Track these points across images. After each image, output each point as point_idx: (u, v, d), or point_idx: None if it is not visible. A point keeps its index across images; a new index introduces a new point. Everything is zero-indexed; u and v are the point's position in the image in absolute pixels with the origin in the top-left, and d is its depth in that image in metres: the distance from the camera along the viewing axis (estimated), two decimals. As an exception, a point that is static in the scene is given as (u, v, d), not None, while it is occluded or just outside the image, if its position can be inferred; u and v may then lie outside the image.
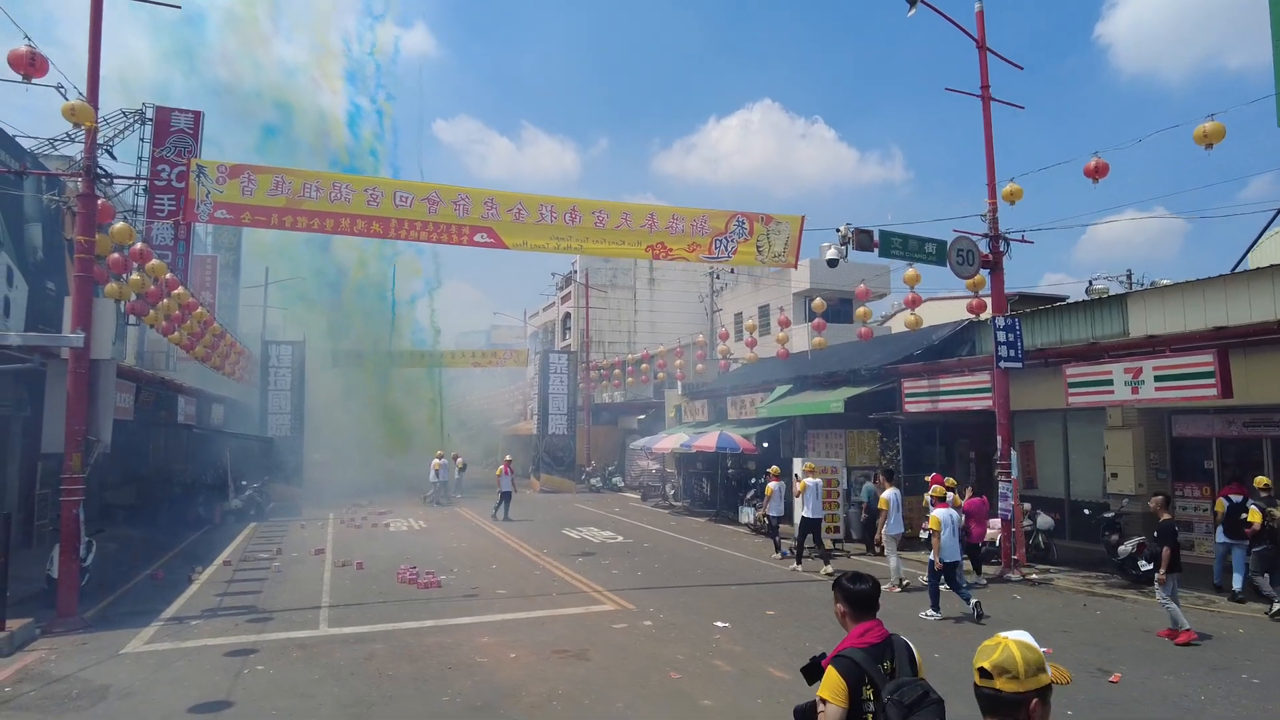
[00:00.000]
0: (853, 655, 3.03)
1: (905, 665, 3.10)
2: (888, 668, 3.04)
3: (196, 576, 13.50)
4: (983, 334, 18.51)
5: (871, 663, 3.01)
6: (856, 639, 3.15)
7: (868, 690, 2.94)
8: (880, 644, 3.12)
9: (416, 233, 11.96)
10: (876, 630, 3.18)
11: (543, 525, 21.30)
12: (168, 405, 19.73)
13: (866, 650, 3.06)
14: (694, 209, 13.27)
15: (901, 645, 3.16)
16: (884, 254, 13.54)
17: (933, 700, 2.80)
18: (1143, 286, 28.64)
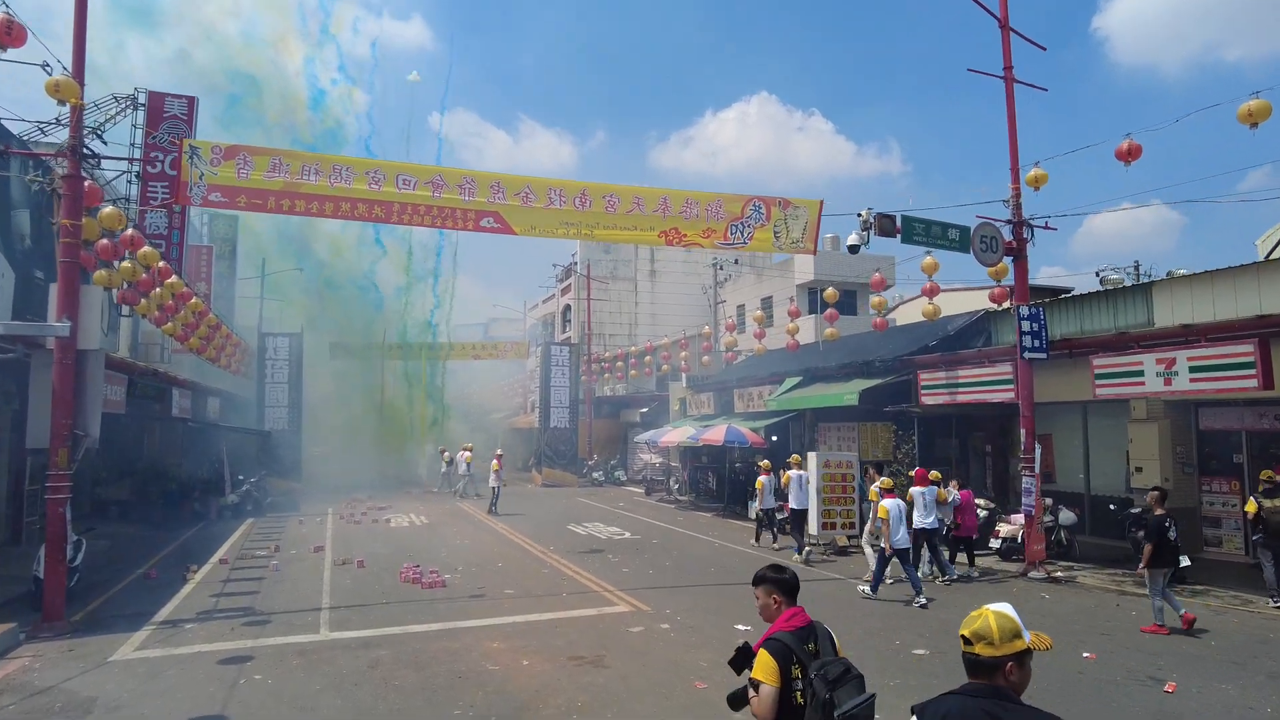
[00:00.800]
0: (782, 638, 3.25)
1: (827, 646, 3.32)
2: (812, 648, 3.27)
3: (191, 576, 12.99)
4: (999, 324, 18.05)
5: (799, 644, 3.24)
6: (784, 623, 3.36)
7: (796, 669, 3.18)
8: (805, 628, 3.34)
9: (420, 217, 11.41)
10: (801, 615, 3.41)
11: (547, 521, 20.82)
12: (162, 398, 19.19)
13: (794, 633, 3.29)
14: (709, 193, 12.74)
15: (823, 629, 3.39)
16: (906, 240, 13.02)
17: (854, 675, 3.10)
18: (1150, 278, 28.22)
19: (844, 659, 3.22)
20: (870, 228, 12.68)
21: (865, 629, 9.66)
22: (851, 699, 3.05)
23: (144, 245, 13.04)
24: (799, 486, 15.32)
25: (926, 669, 8.01)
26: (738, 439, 20.31)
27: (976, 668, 2.41)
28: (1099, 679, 7.66)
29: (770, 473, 16.49)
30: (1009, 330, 17.65)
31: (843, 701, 3.04)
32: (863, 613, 10.62)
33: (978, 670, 2.41)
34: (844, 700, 3.04)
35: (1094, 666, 8.04)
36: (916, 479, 13.00)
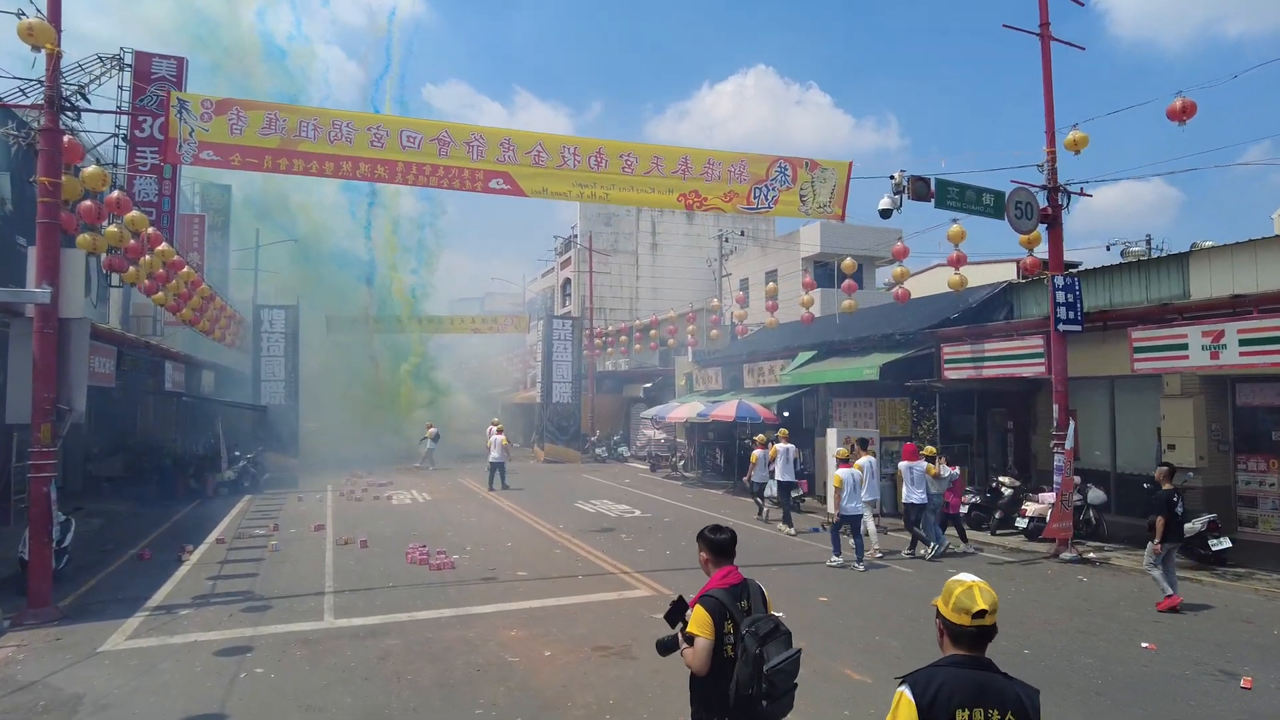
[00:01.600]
0: (717, 595, 3.46)
1: (759, 603, 3.55)
2: (745, 606, 3.49)
3: (187, 557, 12.40)
4: (1023, 296, 17.42)
5: (732, 601, 3.46)
6: (719, 581, 3.57)
7: (729, 625, 3.39)
8: (738, 585, 3.55)
9: (426, 178, 10.68)
10: (734, 574, 3.61)
11: (553, 497, 20.28)
12: (154, 372, 18.51)
13: (728, 590, 3.50)
14: (732, 153, 12.02)
15: (755, 587, 3.60)
16: (939, 204, 12.34)
17: (782, 632, 3.37)
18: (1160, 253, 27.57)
19: (773, 616, 3.48)
20: (903, 191, 11.98)
21: (905, 615, 9.11)
22: (779, 654, 3.32)
23: (131, 209, 12.28)
24: (785, 460, 15.64)
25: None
26: (750, 415, 19.72)
27: (974, 639, 2.50)
28: (1166, 672, 7.12)
29: (763, 446, 16.54)
30: (1032, 302, 17.05)
31: (771, 656, 3.31)
32: (885, 590, 10.09)
33: (974, 641, 2.50)
34: (772, 655, 3.31)
35: (1158, 659, 7.50)
36: (904, 454, 12.95)
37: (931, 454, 13.05)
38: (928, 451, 13.06)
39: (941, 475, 13.05)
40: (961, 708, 2.38)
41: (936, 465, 12.96)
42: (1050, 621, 8.93)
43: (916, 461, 12.74)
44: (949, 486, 13.19)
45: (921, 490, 12.62)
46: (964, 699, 2.39)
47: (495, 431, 22.68)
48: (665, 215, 51.22)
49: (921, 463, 12.76)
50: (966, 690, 2.40)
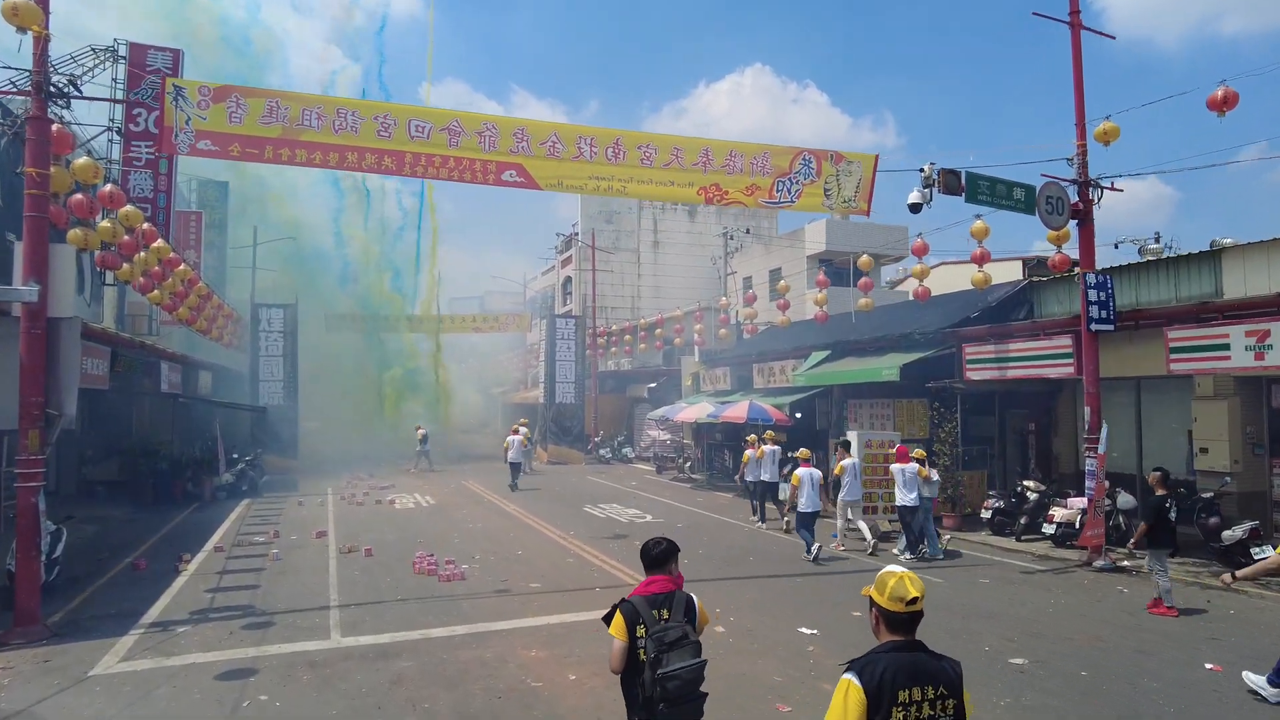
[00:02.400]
0: (634, 601, 3.75)
1: (680, 613, 3.75)
2: (662, 614, 3.71)
3: (184, 567, 11.86)
4: (1044, 295, 16.92)
5: (647, 608, 3.72)
6: (643, 588, 3.85)
7: (641, 629, 3.67)
8: (661, 594, 3.79)
9: (435, 169, 10.15)
10: (660, 584, 3.85)
11: (560, 501, 19.77)
12: (150, 373, 17.96)
13: (647, 598, 3.77)
14: (754, 144, 11.51)
15: (683, 598, 3.83)
16: (970, 199, 11.84)
17: (689, 641, 3.66)
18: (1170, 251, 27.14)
19: (682, 625, 3.69)
20: (933, 184, 11.49)
21: (946, 629, 8.62)
22: (678, 663, 3.56)
23: (125, 204, 11.73)
24: (772, 461, 16.00)
25: (1036, 684, 6.96)
26: (762, 416, 19.22)
27: (909, 624, 2.75)
28: (1241, 699, 6.62)
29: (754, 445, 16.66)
30: (1054, 301, 16.57)
31: (670, 663, 3.56)
32: (926, 605, 9.58)
33: (907, 627, 2.75)
34: (672, 662, 3.56)
35: (1226, 682, 7.00)
36: (897, 456, 13.11)
37: (922, 456, 13.05)
38: (917, 454, 13.06)
39: (932, 479, 13.04)
40: (903, 688, 2.62)
41: (927, 468, 12.95)
42: (1101, 638, 8.44)
43: (908, 464, 12.77)
44: (938, 490, 13.31)
45: (914, 492, 12.60)
46: (904, 680, 2.63)
47: (512, 432, 23.13)
48: (667, 213, 50.71)
49: (913, 465, 12.78)
50: (905, 672, 2.64)
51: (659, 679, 3.56)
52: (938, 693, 2.66)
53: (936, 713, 2.66)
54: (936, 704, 2.66)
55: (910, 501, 12.63)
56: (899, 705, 2.61)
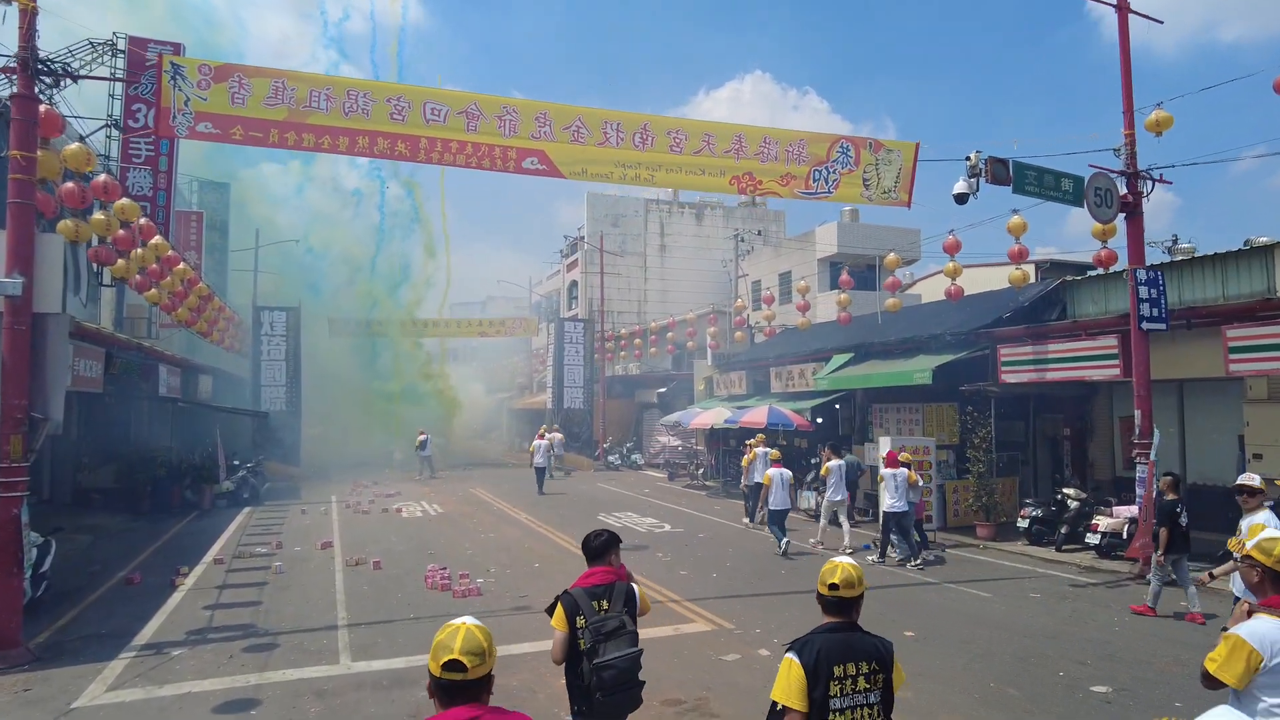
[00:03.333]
0: (573, 593, 3.96)
1: (620, 604, 3.96)
2: (602, 605, 3.92)
3: (181, 581, 11.14)
4: (1078, 294, 16.22)
5: (587, 599, 3.92)
6: (583, 580, 4.04)
7: (581, 620, 3.85)
8: (601, 586, 4.00)
9: (452, 155, 9.47)
10: (601, 575, 4.05)
11: (573, 509, 19.04)
12: (147, 376, 17.27)
13: (586, 589, 3.97)
14: (790, 131, 10.85)
15: (623, 589, 4.04)
16: (1017, 189, 11.17)
17: (626, 631, 3.86)
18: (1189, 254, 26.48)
19: (620, 616, 3.86)
20: (979, 174, 10.81)
21: (1012, 653, 7.87)
22: (615, 652, 3.75)
23: (120, 194, 11.06)
24: (763, 464, 15.74)
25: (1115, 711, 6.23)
26: (782, 421, 18.52)
27: (838, 608, 3.09)
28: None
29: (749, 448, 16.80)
30: (1089, 300, 15.87)
31: (607, 653, 3.74)
32: (971, 620, 8.86)
33: (838, 610, 3.09)
34: (608, 652, 3.74)
35: None
36: (886, 461, 12.83)
37: (908, 460, 12.89)
38: (905, 458, 12.84)
39: (919, 484, 12.93)
40: (837, 663, 2.90)
41: (914, 473, 12.78)
42: (1182, 662, 7.71)
43: (899, 469, 12.50)
44: (920, 495, 13.23)
45: (903, 498, 12.37)
46: (838, 656, 2.91)
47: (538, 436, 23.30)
48: (674, 216, 50.12)
49: (904, 470, 12.50)
50: (839, 649, 2.93)
51: (595, 668, 3.71)
52: (870, 668, 2.96)
53: (870, 685, 2.95)
54: (870, 678, 2.95)
55: (900, 507, 12.33)
56: (835, 679, 2.90)
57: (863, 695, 2.92)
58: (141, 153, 19.61)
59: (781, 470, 13.81)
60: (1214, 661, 3.26)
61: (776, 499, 13.45)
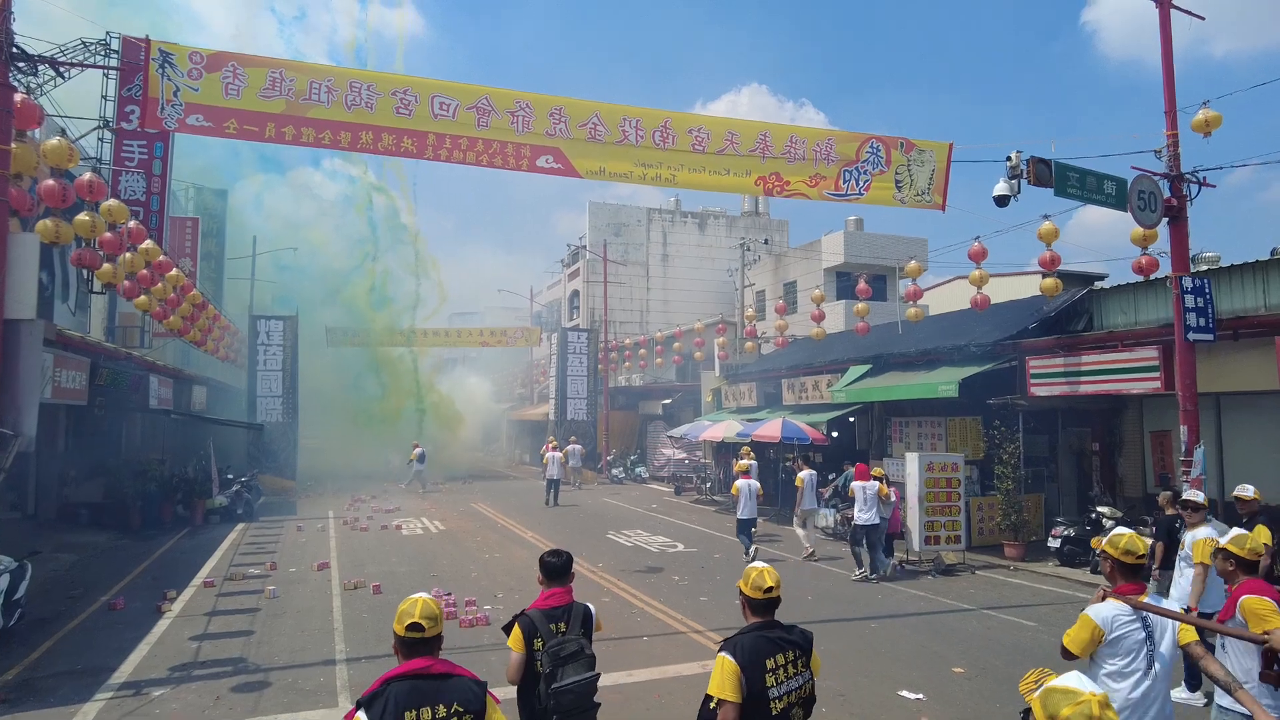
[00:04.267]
0: (530, 615, 3.94)
1: (578, 625, 3.97)
2: (560, 627, 3.91)
3: (167, 607, 10.42)
4: (1106, 304, 15.58)
5: (544, 621, 3.90)
6: (541, 601, 4.03)
7: (538, 642, 3.83)
8: (559, 607, 3.99)
9: (462, 153, 8.84)
10: (559, 596, 4.05)
11: (579, 526, 18.34)
12: (137, 387, 16.57)
13: (544, 611, 3.95)
14: (818, 129, 10.28)
15: (581, 610, 4.07)
16: (1059, 192, 10.55)
17: (586, 655, 3.85)
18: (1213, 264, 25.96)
19: (578, 639, 3.88)
20: (1020, 175, 10.19)
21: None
22: (573, 676, 3.75)
23: (107, 195, 10.41)
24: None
25: None
26: (797, 435, 17.84)
27: (766, 608, 3.48)
28: None
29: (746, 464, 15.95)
30: (1117, 310, 15.23)
31: (565, 677, 3.75)
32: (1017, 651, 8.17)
33: (766, 610, 3.48)
34: (567, 676, 3.75)
35: None
36: (857, 474, 13.04)
37: (880, 474, 12.96)
38: (877, 472, 12.96)
39: (891, 499, 12.94)
40: (769, 656, 3.32)
41: (886, 486, 12.84)
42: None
43: (869, 482, 12.65)
44: (892, 509, 13.13)
45: (874, 511, 12.49)
46: (768, 651, 3.34)
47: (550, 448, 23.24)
48: (676, 225, 49.60)
49: (874, 483, 12.65)
50: (768, 645, 3.36)
51: (553, 692, 3.69)
52: (796, 656, 3.38)
53: (798, 670, 3.37)
54: (796, 664, 3.37)
55: (870, 520, 12.44)
56: (769, 671, 3.27)
57: (793, 680, 3.34)
58: (134, 156, 18.97)
59: (750, 482, 14.17)
60: (1068, 636, 3.83)
61: (744, 509, 13.97)
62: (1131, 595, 3.78)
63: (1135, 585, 3.83)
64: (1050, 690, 2.42)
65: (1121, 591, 3.81)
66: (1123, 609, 3.74)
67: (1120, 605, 3.75)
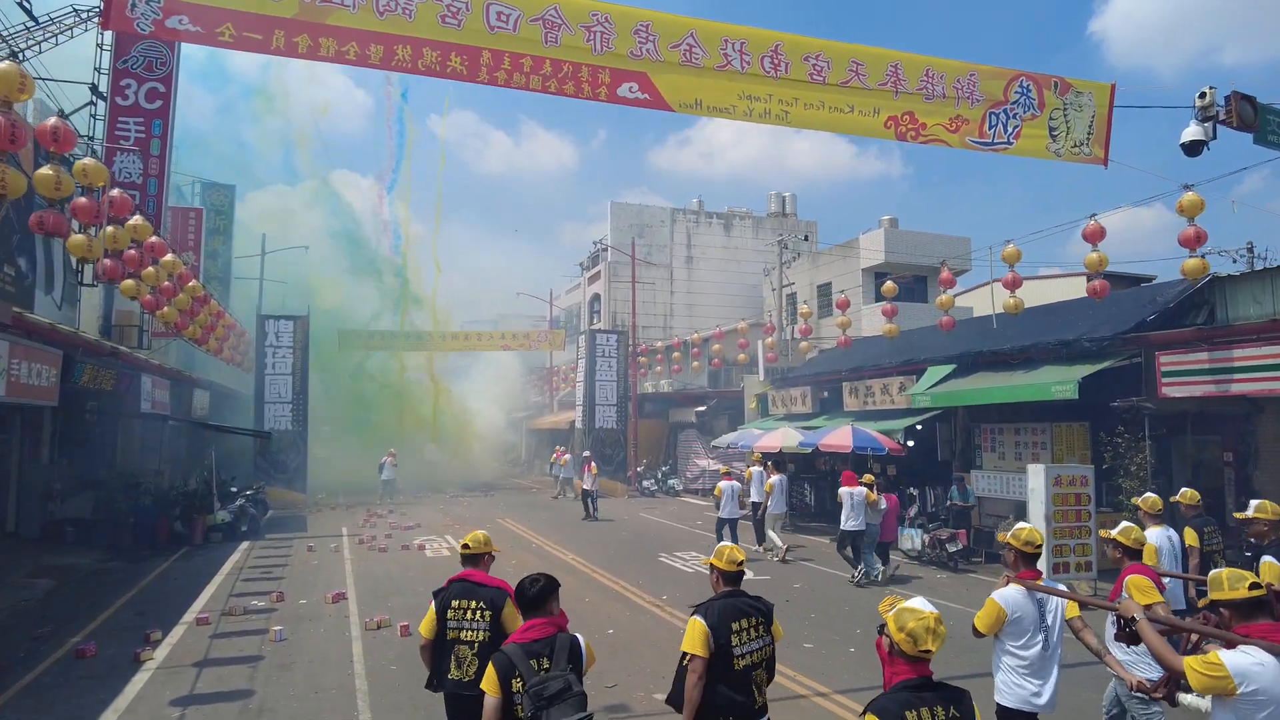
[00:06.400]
0: (508, 651, 3.46)
1: (563, 659, 3.46)
2: (543, 664, 3.42)
3: (148, 654, 8.41)
4: (1233, 293, 13.46)
5: (524, 658, 3.41)
6: (519, 635, 3.58)
7: (517, 683, 3.35)
8: (541, 640, 3.51)
9: (524, 75, 6.87)
10: (540, 628, 3.55)
11: (624, 546, 16.30)
12: (127, 388, 14.66)
13: (523, 645, 3.47)
14: (957, 62, 8.22)
15: (566, 641, 3.57)
16: (1260, 139, 8.54)
17: (575, 693, 3.33)
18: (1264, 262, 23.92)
19: (565, 676, 3.37)
20: (1214, 118, 8.17)
21: None
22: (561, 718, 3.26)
23: (75, 145, 8.48)
24: (759, 483, 16.00)
25: None
26: (871, 444, 15.76)
27: (735, 579, 4.11)
28: None
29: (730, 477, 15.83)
30: (1249, 300, 13.11)
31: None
32: None
33: (735, 581, 4.10)
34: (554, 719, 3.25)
35: None
36: (844, 480, 13.07)
37: (870, 481, 13.03)
38: (866, 480, 13.00)
39: (880, 506, 13.00)
40: (734, 620, 3.90)
41: (875, 493, 12.88)
42: None
43: (856, 488, 12.77)
44: (883, 515, 13.14)
45: (860, 517, 12.60)
46: (733, 615, 3.92)
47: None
48: (701, 225, 47.73)
49: (860, 489, 12.75)
50: (734, 610, 3.95)
51: None
52: (758, 622, 4.00)
53: (760, 634, 3.98)
54: (758, 628, 3.98)
55: (857, 526, 12.60)
56: (734, 632, 3.89)
57: (755, 642, 3.94)
58: (130, 134, 17.15)
59: (732, 483, 15.11)
60: (977, 618, 4.42)
61: (726, 509, 14.75)
62: (1029, 580, 4.38)
63: (1033, 572, 4.44)
64: (902, 609, 3.00)
65: (1022, 577, 4.40)
66: (1021, 592, 4.33)
67: (1019, 589, 4.33)
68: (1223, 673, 3.15)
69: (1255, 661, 3.15)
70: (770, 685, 4.07)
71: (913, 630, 2.87)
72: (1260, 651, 3.18)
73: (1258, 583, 3.40)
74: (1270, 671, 3.13)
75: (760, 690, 3.94)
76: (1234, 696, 3.14)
